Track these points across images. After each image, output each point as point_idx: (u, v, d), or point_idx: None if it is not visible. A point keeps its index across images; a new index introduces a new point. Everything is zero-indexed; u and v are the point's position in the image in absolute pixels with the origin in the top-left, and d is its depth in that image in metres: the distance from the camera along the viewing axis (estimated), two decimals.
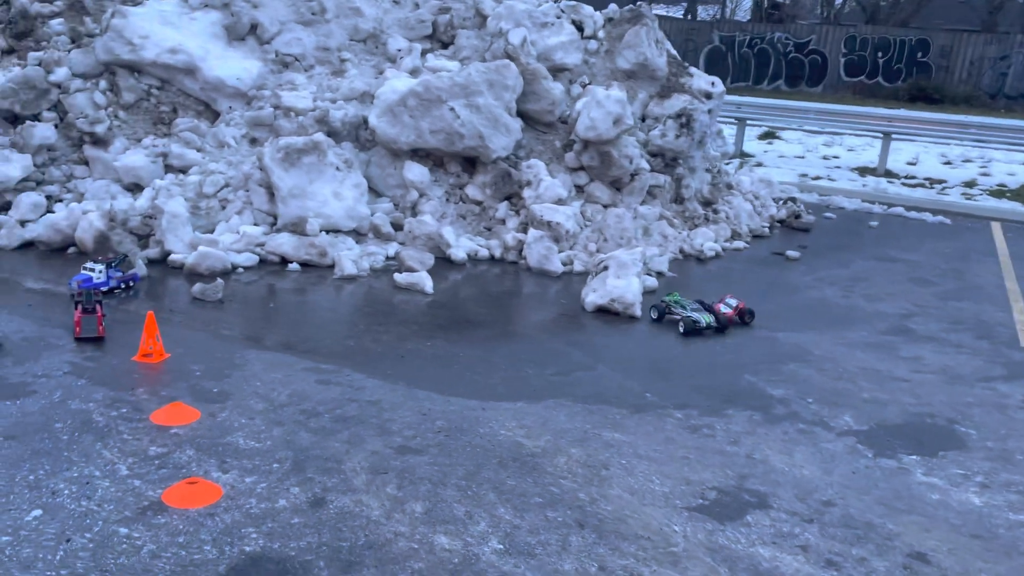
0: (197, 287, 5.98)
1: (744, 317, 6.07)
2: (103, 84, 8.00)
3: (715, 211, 9.01)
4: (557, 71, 8.75)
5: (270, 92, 8.20)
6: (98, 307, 5.04)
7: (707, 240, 8.36)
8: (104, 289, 5.81)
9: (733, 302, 6.11)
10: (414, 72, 8.49)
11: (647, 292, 6.55)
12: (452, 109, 7.81)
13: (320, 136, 7.47)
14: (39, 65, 7.85)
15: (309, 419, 4.22)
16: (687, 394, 4.85)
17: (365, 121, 8.03)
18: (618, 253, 6.60)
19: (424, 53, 8.90)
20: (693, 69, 9.54)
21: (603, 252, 7.15)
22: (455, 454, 3.99)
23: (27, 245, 6.82)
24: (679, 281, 7.23)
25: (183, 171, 7.58)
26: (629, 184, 8.27)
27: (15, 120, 7.61)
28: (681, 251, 8.11)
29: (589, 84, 8.72)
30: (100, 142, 7.69)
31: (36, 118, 7.65)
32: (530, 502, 3.61)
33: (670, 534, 3.43)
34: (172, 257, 6.63)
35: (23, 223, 6.96)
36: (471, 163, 8.25)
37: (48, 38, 8.21)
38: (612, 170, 8.14)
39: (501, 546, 3.28)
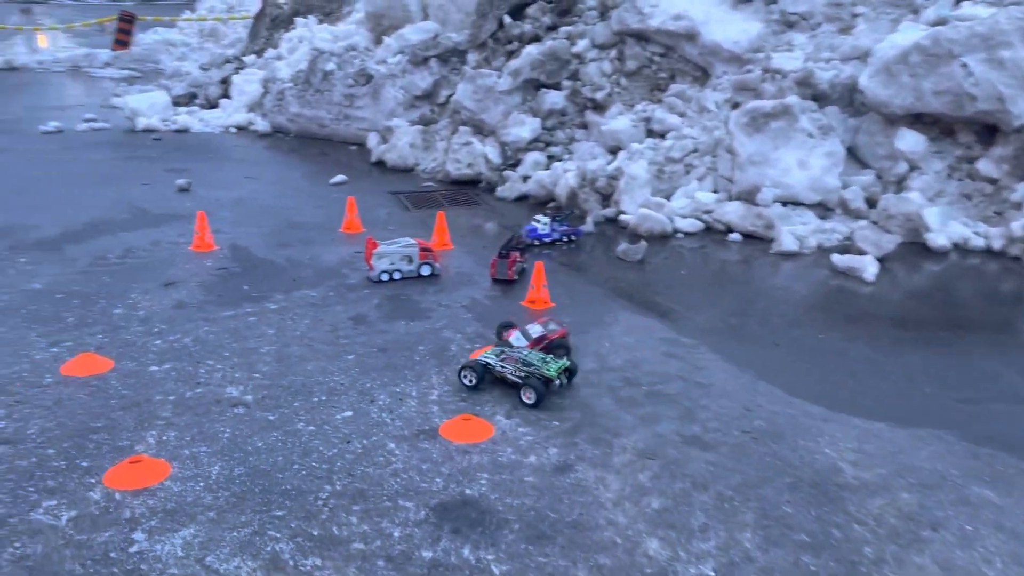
0: (621, 247, 6.16)
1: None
2: (612, 53, 8.62)
3: None
4: None
5: (764, 55, 7.82)
6: (514, 254, 5.59)
7: None
8: (548, 240, 6.40)
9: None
10: (937, 23, 7.17)
11: None
12: (964, 65, 6.42)
13: (792, 99, 6.89)
14: (566, 39, 8.82)
15: (624, 387, 4.09)
16: None
17: None
18: None
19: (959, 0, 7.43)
20: None
21: None
22: (746, 460, 3.46)
23: (522, 198, 7.83)
24: None
25: (663, 135, 7.78)
26: None
27: (539, 88, 8.72)
28: None
29: None
30: (599, 107, 8.34)
31: (556, 87, 8.65)
32: (791, 538, 2.96)
33: None
34: (622, 217, 6.93)
35: (525, 178, 8.00)
36: (991, 132, 6.70)
37: (581, 13, 9.15)
38: None
39: (712, 575, 2.79)
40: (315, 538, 2.91)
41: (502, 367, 3.99)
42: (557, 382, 3.92)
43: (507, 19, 9.30)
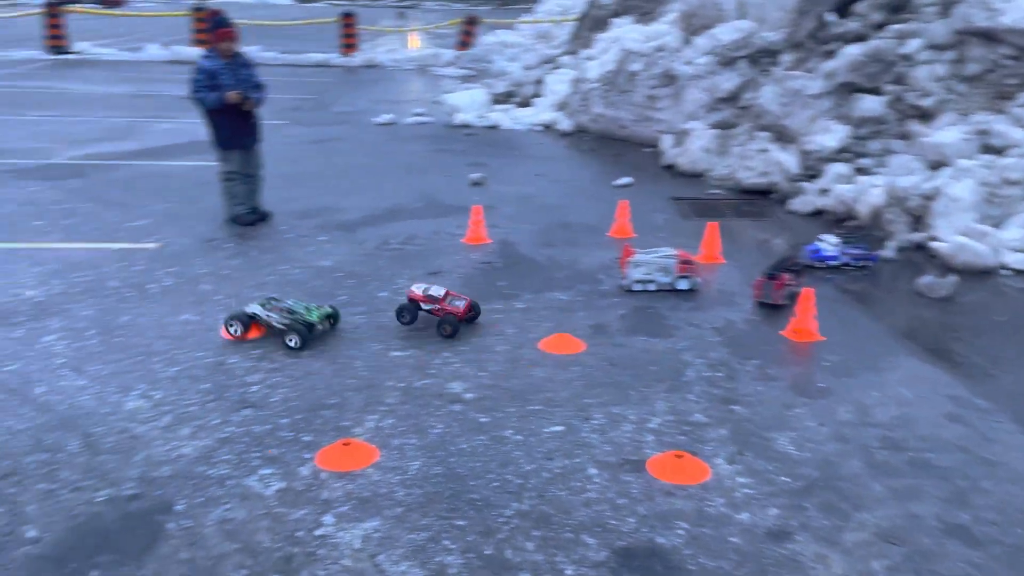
0: (925, 280, 5.28)
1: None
2: (950, 55, 7.44)
3: None
4: None
5: None
6: (785, 275, 5.02)
7: None
8: (833, 263, 5.70)
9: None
10: None
11: None
12: None
13: None
14: (895, 38, 7.80)
15: (883, 449, 3.45)
16: None
17: None
18: None
19: None
20: None
21: None
22: None
23: (817, 213, 7.08)
24: None
25: (1001, 152, 6.56)
26: None
27: (853, 92, 7.81)
28: None
29: None
30: (925, 116, 7.26)
31: (875, 91, 7.69)
32: None
33: None
34: (933, 244, 5.95)
35: (823, 192, 7.22)
36: None
37: (917, 10, 8.04)
38: None
39: None
40: (486, 558, 2.78)
41: (268, 316, 4.29)
42: (320, 327, 4.34)
43: (830, 17, 8.46)
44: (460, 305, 4.53)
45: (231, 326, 4.36)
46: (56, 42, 19.37)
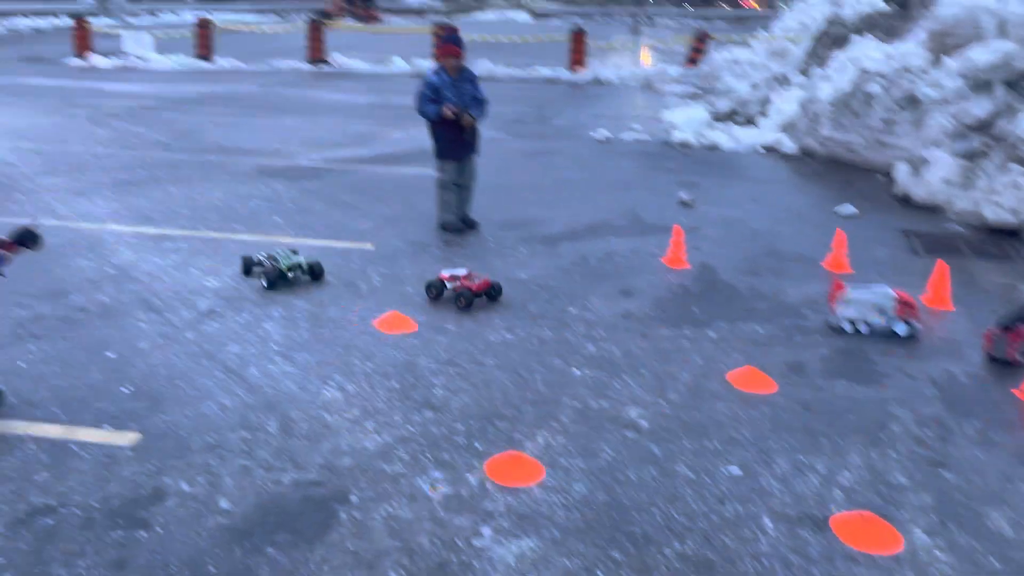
0: None
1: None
2: None
3: None
4: None
5: None
6: (1022, 327, 4.43)
7: None
8: None
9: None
10: None
11: None
12: None
13: None
14: None
15: None
16: None
17: None
18: None
19: None
20: None
21: None
22: None
23: None
24: None
25: None
26: None
27: None
28: None
29: None
30: None
31: None
32: None
33: None
34: None
35: None
36: None
37: None
38: None
39: None
40: None
41: (259, 257, 5.40)
42: (290, 274, 5.29)
43: None
44: (476, 281, 5.12)
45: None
46: (315, 54, 21.34)
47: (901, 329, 4.74)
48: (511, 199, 7.85)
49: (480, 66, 20.12)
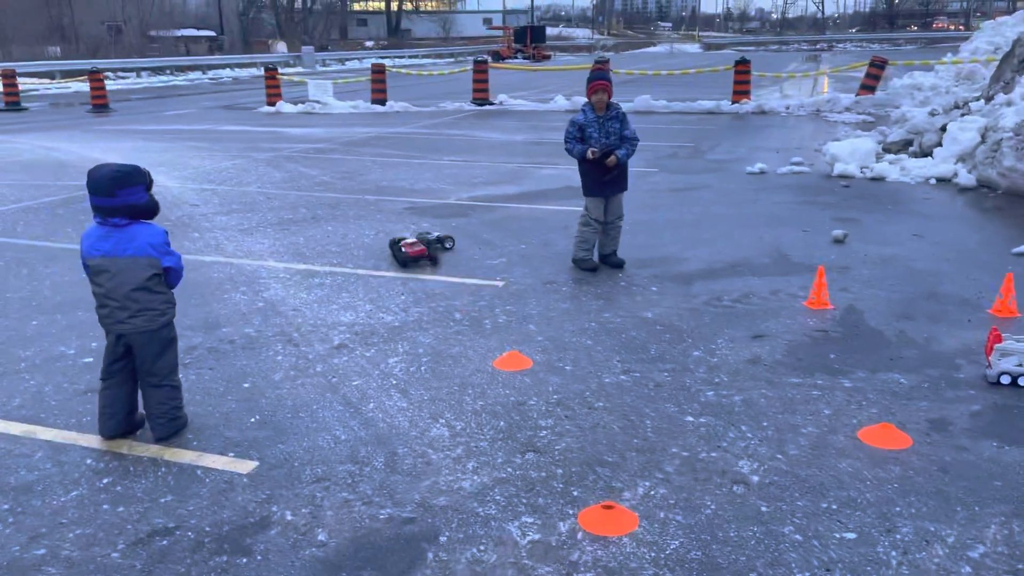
0: None
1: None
2: None
3: None
4: None
5: None
6: None
7: None
8: None
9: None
10: None
11: None
12: None
13: None
14: None
15: None
16: None
17: None
18: None
19: None
20: None
21: None
22: None
23: None
24: None
25: None
26: None
27: None
28: None
29: None
30: None
31: None
32: None
33: None
34: None
35: None
36: None
37: None
38: None
39: None
40: None
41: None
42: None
43: None
44: (415, 248, 6.82)
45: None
46: (480, 95, 22.10)
47: None
48: (650, 236, 7.72)
49: (639, 101, 20.09)
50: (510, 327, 5.46)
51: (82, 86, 27.33)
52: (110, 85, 31.58)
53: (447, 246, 7.26)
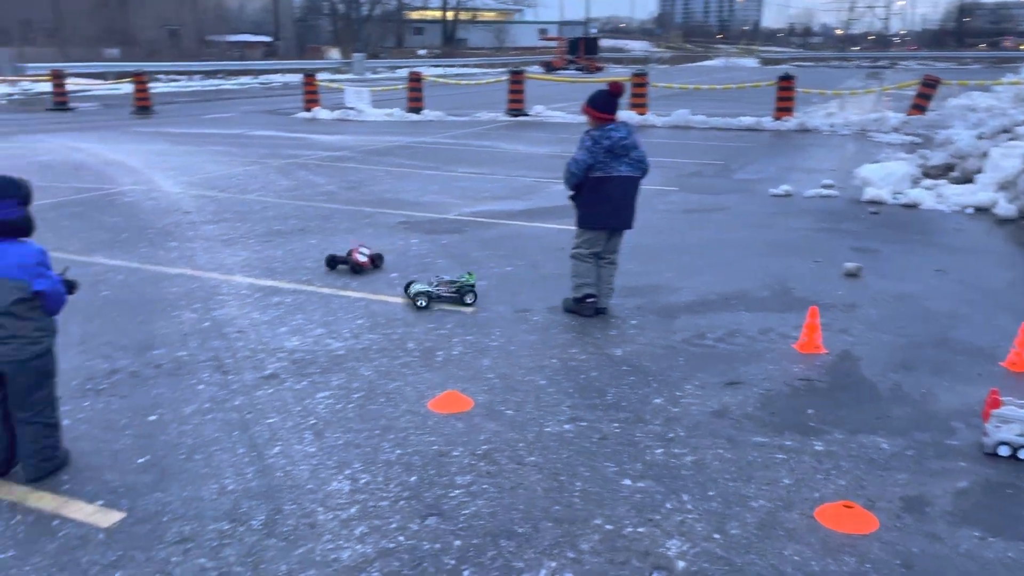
0: None
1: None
2: None
3: None
4: None
5: None
6: None
7: None
8: None
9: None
10: None
11: None
12: None
13: None
14: None
15: None
16: None
17: None
18: None
19: None
20: None
21: None
22: None
23: None
24: None
25: None
26: None
27: None
28: None
29: None
30: None
31: None
32: None
33: None
34: None
35: None
36: None
37: None
38: None
39: None
40: None
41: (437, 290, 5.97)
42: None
43: None
44: (362, 259, 6.76)
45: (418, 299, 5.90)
46: (515, 105, 21.71)
47: None
48: (647, 261, 7.17)
49: (677, 115, 19.45)
50: (462, 361, 4.98)
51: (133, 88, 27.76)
52: (162, 88, 32.12)
53: (376, 264, 7.00)
